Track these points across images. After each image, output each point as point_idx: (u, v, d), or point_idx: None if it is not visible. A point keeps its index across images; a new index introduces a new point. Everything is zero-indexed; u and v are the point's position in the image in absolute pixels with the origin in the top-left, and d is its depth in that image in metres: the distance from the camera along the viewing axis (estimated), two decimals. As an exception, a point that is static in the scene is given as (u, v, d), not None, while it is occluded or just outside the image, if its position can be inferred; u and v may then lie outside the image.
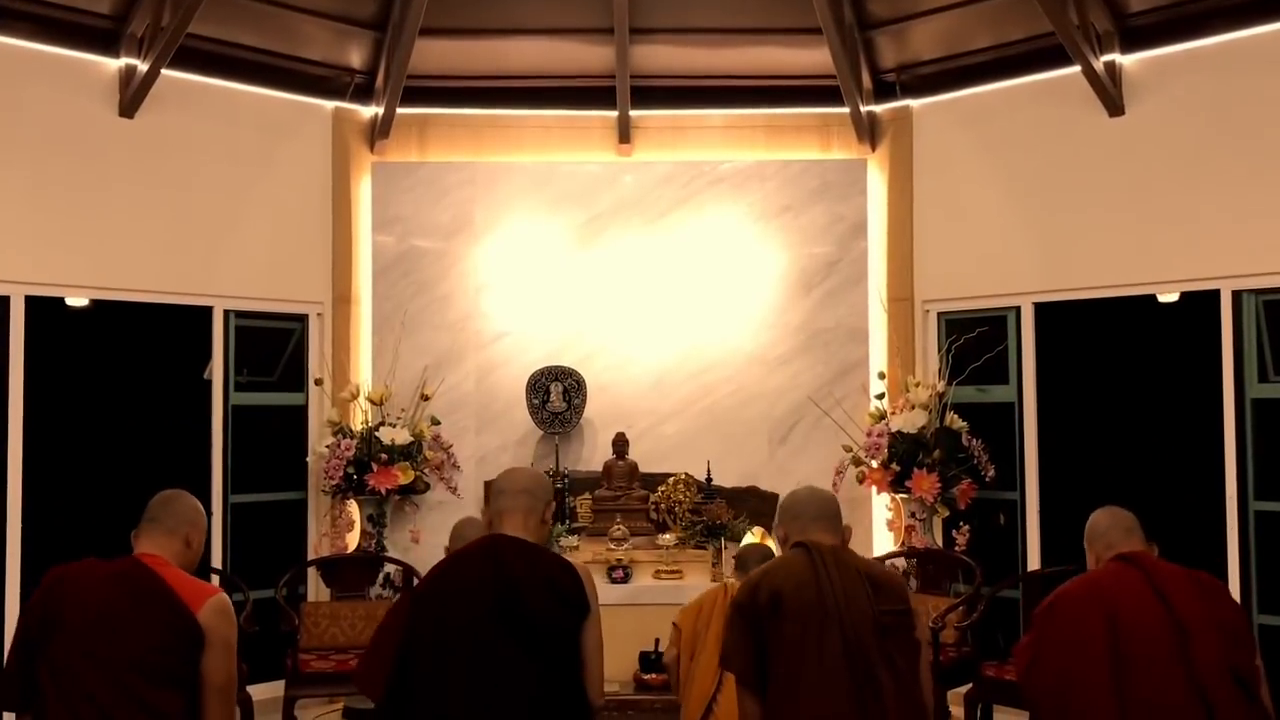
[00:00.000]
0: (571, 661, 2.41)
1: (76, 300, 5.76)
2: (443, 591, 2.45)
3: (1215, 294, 5.39)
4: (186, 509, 2.71)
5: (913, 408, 5.89)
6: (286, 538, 6.26)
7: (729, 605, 2.84)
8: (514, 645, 2.30)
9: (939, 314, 6.34)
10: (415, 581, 5.70)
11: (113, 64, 5.69)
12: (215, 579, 5.67)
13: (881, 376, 6.23)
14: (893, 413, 5.99)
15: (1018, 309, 6.01)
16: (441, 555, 5.88)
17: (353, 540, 6.14)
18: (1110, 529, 2.81)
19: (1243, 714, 2.51)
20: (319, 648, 5.44)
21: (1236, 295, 5.33)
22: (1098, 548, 2.81)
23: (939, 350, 6.22)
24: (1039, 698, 2.69)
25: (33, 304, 5.46)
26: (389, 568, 5.96)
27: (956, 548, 5.72)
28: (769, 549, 4.33)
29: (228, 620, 2.57)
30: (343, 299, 6.46)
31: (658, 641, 5.45)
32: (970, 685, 5.11)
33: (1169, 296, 5.69)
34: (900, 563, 5.90)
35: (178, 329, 6.11)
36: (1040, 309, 5.97)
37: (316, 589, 6.10)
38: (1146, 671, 2.52)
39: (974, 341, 6.05)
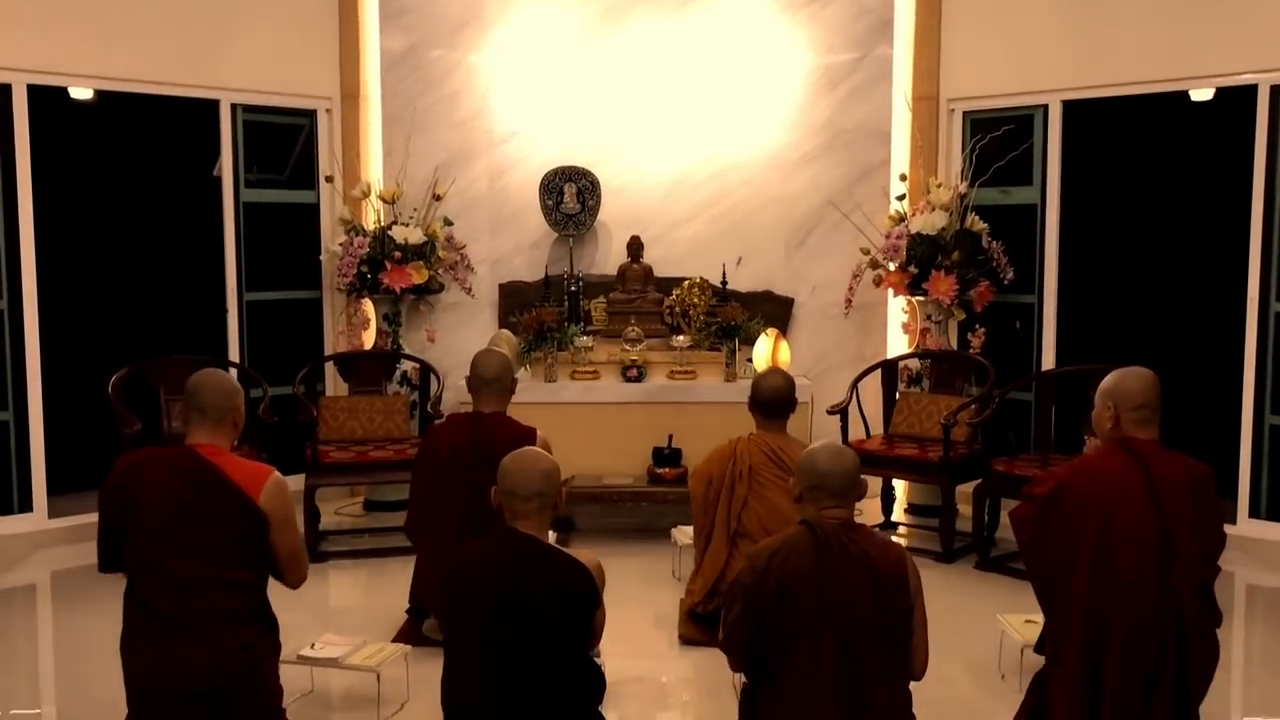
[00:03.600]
0: (579, 649, 2.64)
1: (81, 92, 5.62)
2: (463, 576, 2.63)
3: (1253, 89, 5.19)
4: (228, 392, 2.88)
5: (933, 209, 5.77)
6: (303, 335, 6.28)
7: (733, 582, 2.70)
8: (522, 638, 2.53)
9: (964, 113, 6.15)
10: (433, 379, 5.78)
11: None
12: (233, 372, 5.74)
13: (903, 178, 6.10)
14: (913, 215, 5.88)
15: (1045, 107, 5.82)
16: (454, 356, 6.06)
17: (368, 340, 6.16)
18: (1145, 405, 2.75)
19: (1208, 626, 2.69)
20: (338, 440, 5.51)
21: (1275, 90, 5.12)
22: (1123, 412, 2.76)
23: (962, 151, 6.06)
24: (1034, 577, 2.85)
25: (35, 94, 5.34)
26: (405, 364, 6.00)
27: (971, 350, 5.72)
28: (786, 377, 4.29)
29: (284, 499, 2.80)
30: (351, 95, 6.29)
31: (670, 438, 5.53)
32: (979, 480, 5.20)
33: (1203, 94, 5.49)
34: (914, 363, 5.91)
35: (185, 123, 5.98)
36: (1068, 107, 5.78)
37: (334, 385, 6.16)
38: (1127, 581, 2.64)
39: (998, 141, 5.89)
